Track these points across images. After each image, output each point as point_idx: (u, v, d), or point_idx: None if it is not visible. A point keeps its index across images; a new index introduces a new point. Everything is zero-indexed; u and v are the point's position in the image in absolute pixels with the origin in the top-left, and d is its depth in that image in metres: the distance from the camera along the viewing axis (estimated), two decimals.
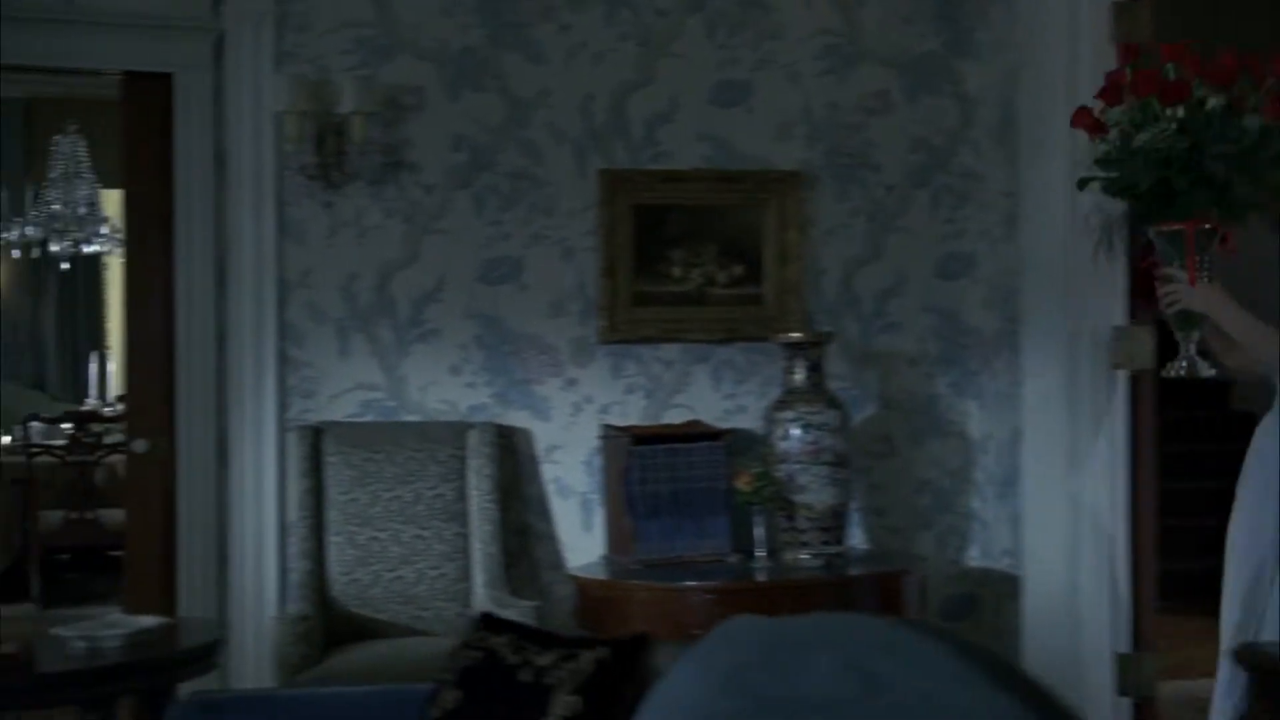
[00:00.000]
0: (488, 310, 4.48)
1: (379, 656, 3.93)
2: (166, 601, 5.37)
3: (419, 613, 4.23)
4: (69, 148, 8.40)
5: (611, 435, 4.37)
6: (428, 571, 4.25)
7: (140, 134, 5.36)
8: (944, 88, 4.77)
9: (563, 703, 2.25)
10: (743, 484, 4.15)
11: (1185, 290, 3.23)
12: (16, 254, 9.14)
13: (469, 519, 4.31)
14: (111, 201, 9.54)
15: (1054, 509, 4.44)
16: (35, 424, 8.13)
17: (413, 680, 3.77)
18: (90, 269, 10.64)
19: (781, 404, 4.29)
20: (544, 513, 4.52)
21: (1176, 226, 3.24)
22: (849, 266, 4.70)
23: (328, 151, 4.37)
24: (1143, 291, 3.54)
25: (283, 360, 4.42)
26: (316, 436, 4.32)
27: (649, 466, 4.21)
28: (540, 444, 4.51)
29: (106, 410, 8.32)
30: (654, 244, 4.54)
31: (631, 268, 4.51)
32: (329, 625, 4.12)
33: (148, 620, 2.89)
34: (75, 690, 2.57)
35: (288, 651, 3.87)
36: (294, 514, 4.33)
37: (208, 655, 2.81)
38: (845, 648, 1.57)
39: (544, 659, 2.33)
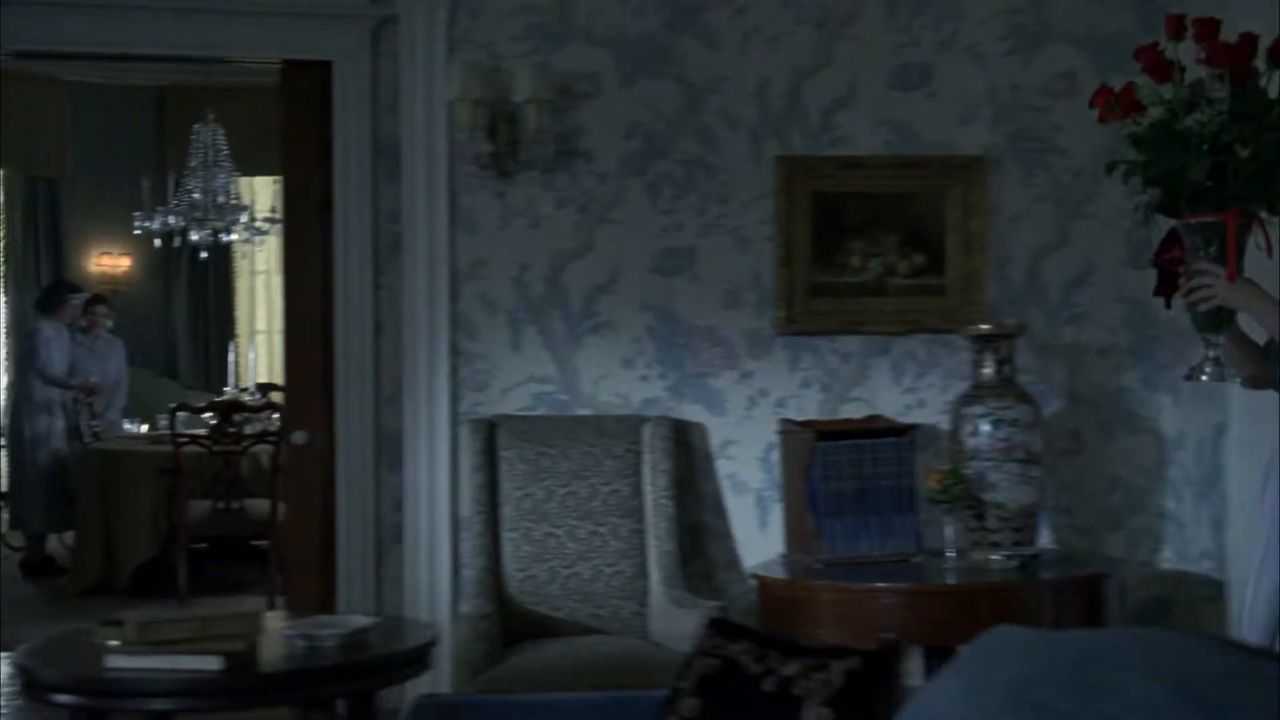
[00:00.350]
0: (661, 302, 4.46)
1: (561, 655, 3.93)
2: (325, 596, 5.45)
3: (596, 610, 4.22)
4: (208, 136, 8.54)
5: (791, 430, 4.31)
6: (604, 568, 4.24)
7: (298, 122, 5.42)
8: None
9: (814, 714, 2.21)
10: (932, 482, 4.07)
11: (1222, 286, 2.97)
12: (158, 243, 9.32)
13: (644, 515, 4.29)
14: (248, 189, 9.71)
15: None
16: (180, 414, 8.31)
17: (604, 681, 3.78)
18: (221, 257, 10.85)
19: (969, 399, 4.20)
20: (718, 509, 4.48)
21: (1211, 218, 2.95)
22: (1035, 255, 4.59)
23: (500, 140, 4.37)
24: (1162, 288, 3.24)
25: (455, 352, 4.43)
26: (491, 430, 4.33)
27: (832, 463, 4.15)
28: (714, 439, 4.48)
29: (246, 398, 8.45)
30: (832, 233, 4.47)
31: (809, 258, 4.45)
32: (505, 623, 4.13)
33: (361, 619, 2.91)
34: (297, 690, 2.59)
35: (470, 650, 3.88)
36: (468, 509, 4.35)
37: (423, 656, 2.82)
38: (1167, 670, 1.49)
39: (789, 668, 2.29)
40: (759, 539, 4.46)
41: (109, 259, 10.91)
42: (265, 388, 9.37)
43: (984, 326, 4.23)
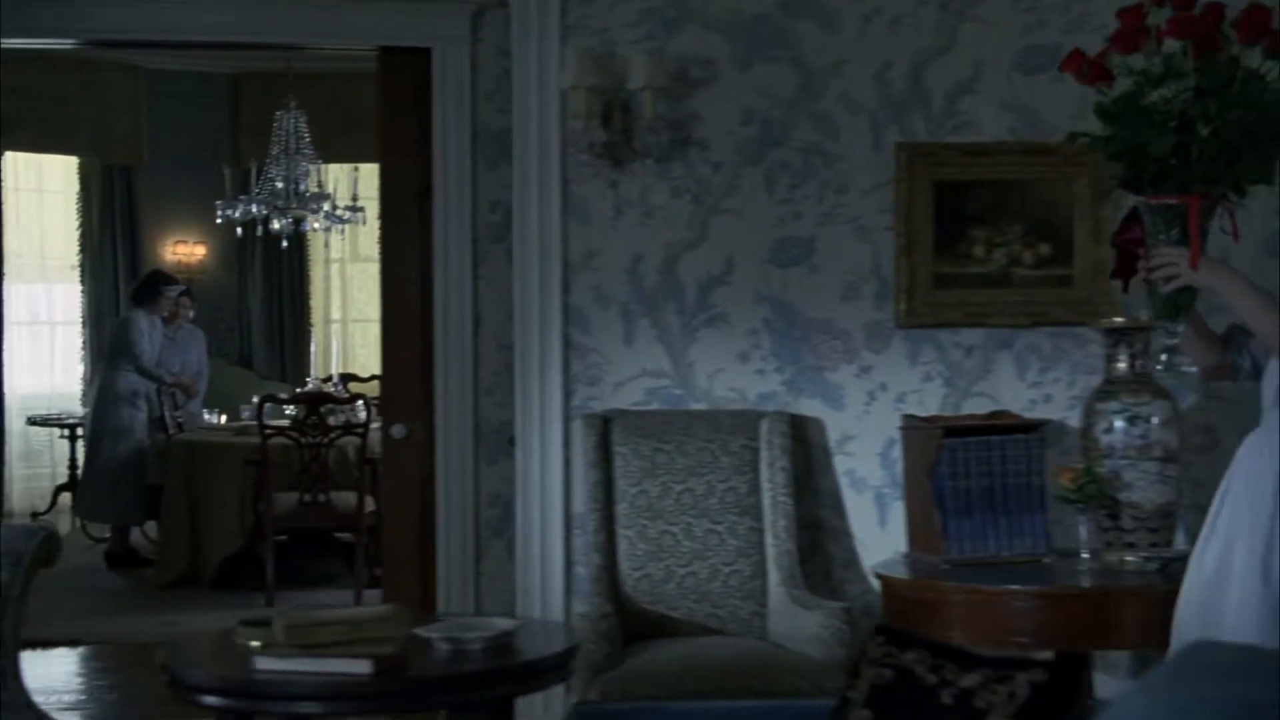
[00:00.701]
0: (778, 294, 4.42)
1: (682, 657, 3.91)
2: (423, 592, 5.47)
3: (713, 610, 4.20)
4: (289, 123, 8.58)
5: (915, 426, 4.25)
6: (721, 567, 4.21)
7: (396, 109, 5.43)
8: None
9: None
10: (1065, 481, 4.00)
11: (1202, 266, 2.84)
12: (240, 232, 9.39)
13: (762, 513, 4.26)
14: (329, 177, 9.73)
15: None
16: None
17: (729, 684, 3.75)
18: (296, 246, 10.93)
19: (1103, 394, 4.12)
20: (836, 506, 4.44)
21: (1173, 200, 2.83)
22: None
23: (614, 128, 4.34)
24: (1121, 270, 3.07)
25: (567, 346, 4.42)
26: (605, 426, 4.31)
27: (960, 460, 4.09)
28: (832, 434, 4.43)
29: (327, 387, 8.50)
30: (955, 222, 4.40)
31: (930, 248, 4.39)
32: (621, 622, 4.11)
33: (504, 622, 2.90)
34: (446, 695, 2.58)
35: (590, 650, 3.86)
36: (582, 506, 4.34)
37: (568, 661, 2.81)
38: None
39: (968, 679, 2.25)
40: (878, 537, 4.42)
41: (184, 247, 11.02)
42: (344, 378, 9.43)
43: (1118, 320, 4.15)
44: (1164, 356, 3.04)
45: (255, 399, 8.42)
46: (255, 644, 2.78)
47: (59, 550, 2.89)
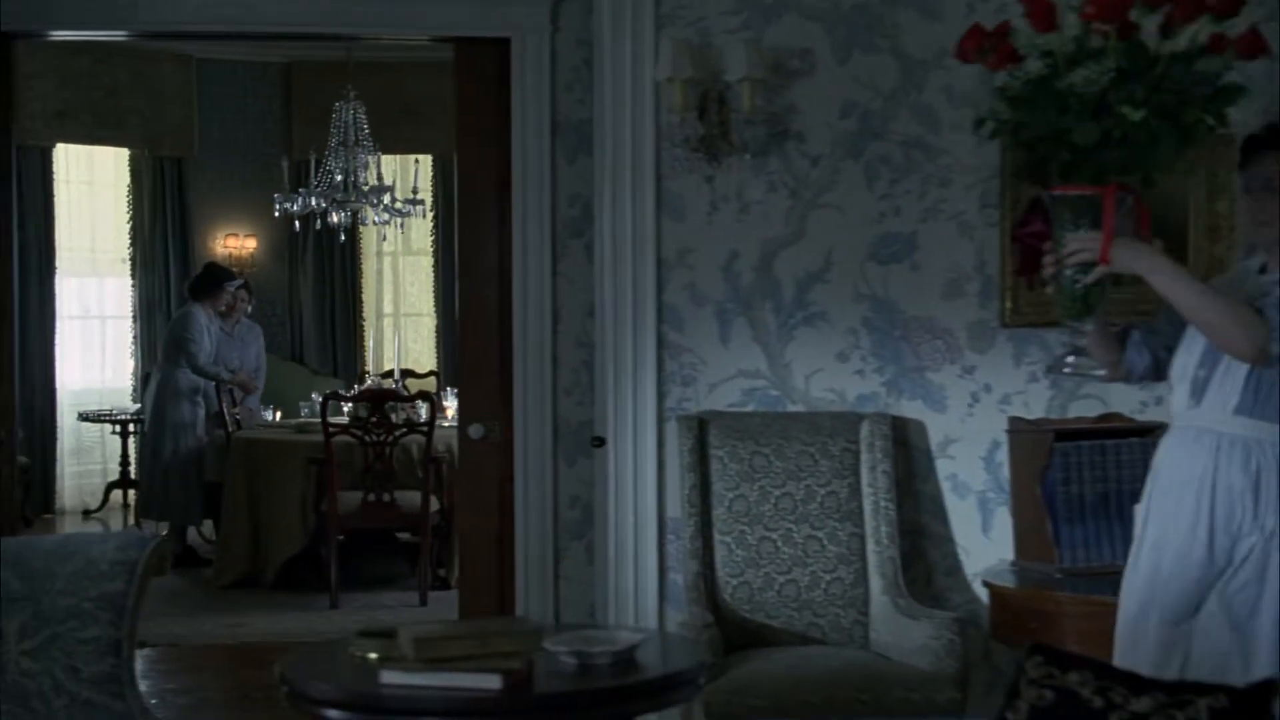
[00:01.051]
0: (878, 292, 4.35)
1: (787, 668, 3.86)
2: (501, 595, 5.44)
3: (814, 619, 4.14)
4: (348, 114, 8.56)
5: (1023, 429, 4.18)
6: (822, 575, 4.16)
7: (473, 100, 5.39)
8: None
9: None
10: None
11: (1117, 247, 2.68)
12: (298, 225, 9.39)
13: (863, 518, 4.20)
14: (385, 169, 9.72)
15: None
16: (317, 400, 8.37)
17: (837, 696, 3.70)
18: (348, 239, 10.92)
19: None
20: (938, 512, 4.37)
21: (1086, 191, 2.67)
22: None
23: (710, 121, 4.29)
24: (1026, 266, 2.91)
25: (660, 345, 4.37)
26: (701, 428, 4.26)
27: (1072, 465, 4.01)
28: (934, 437, 4.36)
29: (387, 383, 8.49)
30: None
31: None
32: (720, 631, 4.06)
33: (629, 635, 2.85)
34: (574, 712, 2.54)
35: None
36: (677, 511, 4.29)
37: (697, 677, 2.76)
38: None
39: (1140, 704, 2.18)
40: (982, 544, 4.35)
41: (235, 240, 11.04)
42: (390, 375, 9.42)
43: None
44: (1070, 359, 2.90)
45: (315, 396, 8.44)
46: (372, 656, 2.75)
47: (169, 558, 2.87)
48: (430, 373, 10.04)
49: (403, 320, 11.51)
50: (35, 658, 2.59)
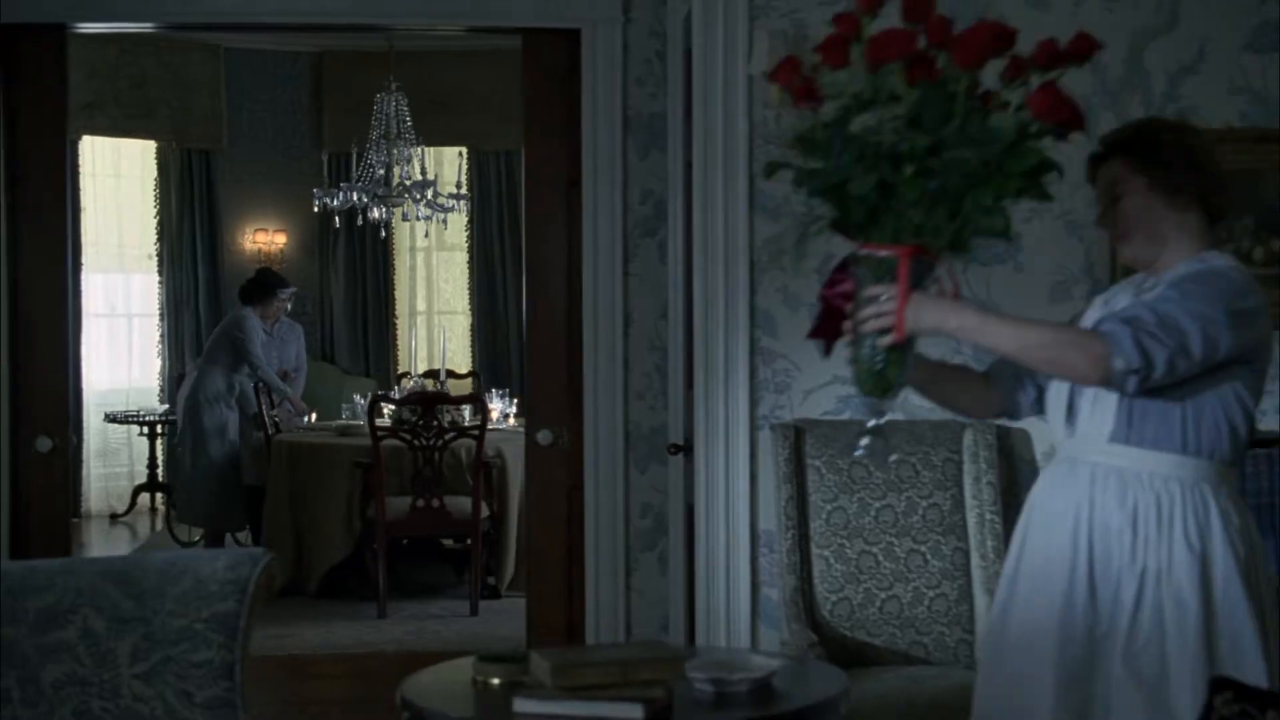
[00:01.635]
0: (979, 294, 4.28)
1: (894, 689, 3.80)
2: (570, 608, 5.40)
3: (918, 638, 4.09)
4: (389, 106, 8.52)
5: None
6: (925, 591, 4.10)
7: (542, 94, 5.36)
8: None
9: None
10: None
11: (914, 309, 2.47)
12: (337, 220, 9.36)
13: (968, 532, 4.14)
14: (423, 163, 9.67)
15: None
16: (359, 402, 8.34)
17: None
18: (380, 234, 10.89)
19: None
20: None
21: (884, 252, 2.48)
22: None
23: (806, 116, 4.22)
24: (822, 328, 2.63)
25: (753, 350, 4.32)
26: (797, 437, 4.21)
27: None
28: (1040, 447, 4.30)
29: (428, 383, 8.46)
30: None
31: None
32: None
33: (767, 661, 2.80)
34: None
35: None
36: (771, 523, 4.24)
37: (838, 707, 2.71)
38: None
39: None
40: None
41: (264, 235, 11.02)
42: (433, 375, 9.38)
43: None
44: (864, 441, 2.62)
45: (357, 398, 8.41)
46: (495, 681, 2.71)
47: (279, 576, 2.83)
48: (470, 373, 10.01)
49: (436, 318, 11.48)
50: (148, 681, 2.55)
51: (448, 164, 9.25)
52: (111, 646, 2.54)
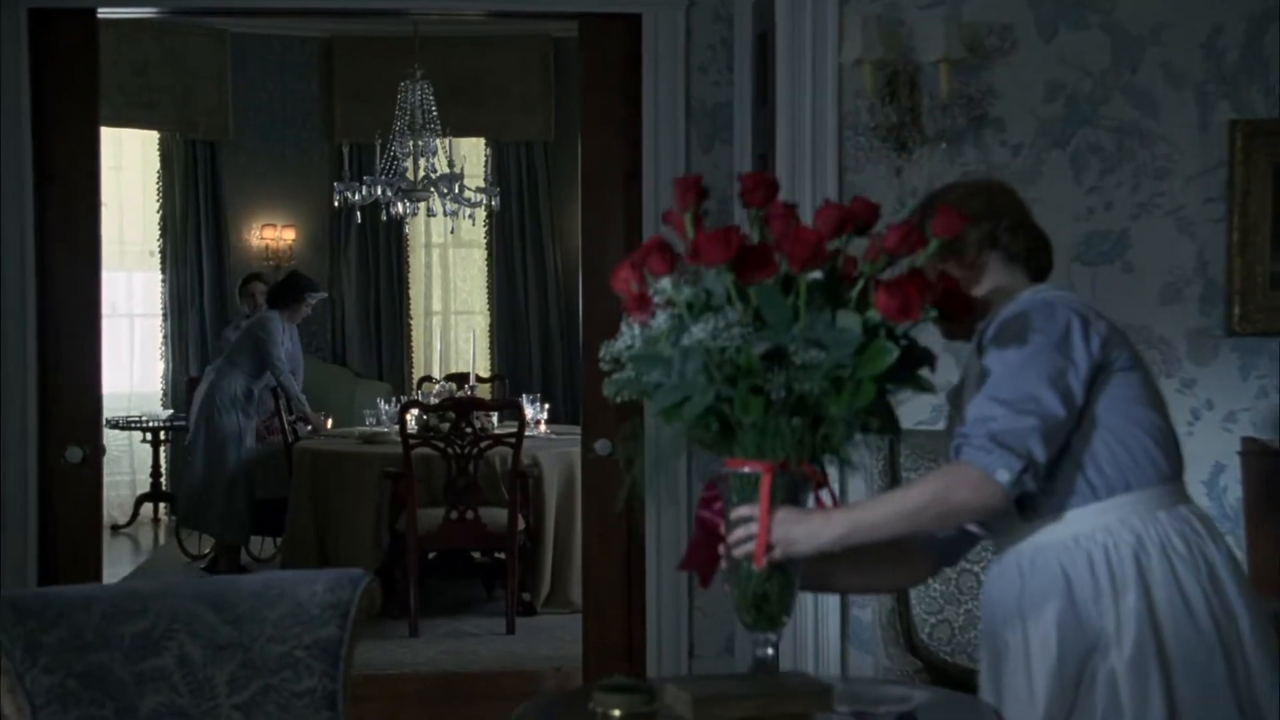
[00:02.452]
0: (1084, 296, 4.22)
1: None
2: (629, 627, 5.34)
3: None
4: (414, 95, 8.43)
5: (1259, 451, 4.07)
6: None
7: (600, 82, 5.30)
8: None
9: None
10: None
11: (781, 528, 2.33)
12: (358, 216, 9.28)
13: None
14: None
15: None
16: (384, 408, 8.27)
17: None
18: (393, 230, 10.82)
19: None
20: None
21: (746, 468, 2.32)
22: None
23: (901, 107, 4.17)
24: (695, 556, 2.45)
25: None
26: (891, 447, 4.14)
27: None
28: None
29: (447, 386, 8.39)
30: None
31: (1269, 243, 4.21)
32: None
33: (900, 690, 2.72)
34: None
35: None
36: None
37: None
38: None
39: None
40: None
41: (272, 231, 10.94)
42: (458, 378, 9.31)
43: None
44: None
45: (382, 403, 8.33)
46: (617, 713, 2.63)
47: (380, 598, 2.76)
48: (494, 377, 9.94)
49: (453, 319, 11.41)
50: (248, 713, 2.49)
51: (467, 156, 9.17)
52: (209, 675, 2.47)
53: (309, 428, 8.22)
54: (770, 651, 2.48)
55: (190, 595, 2.55)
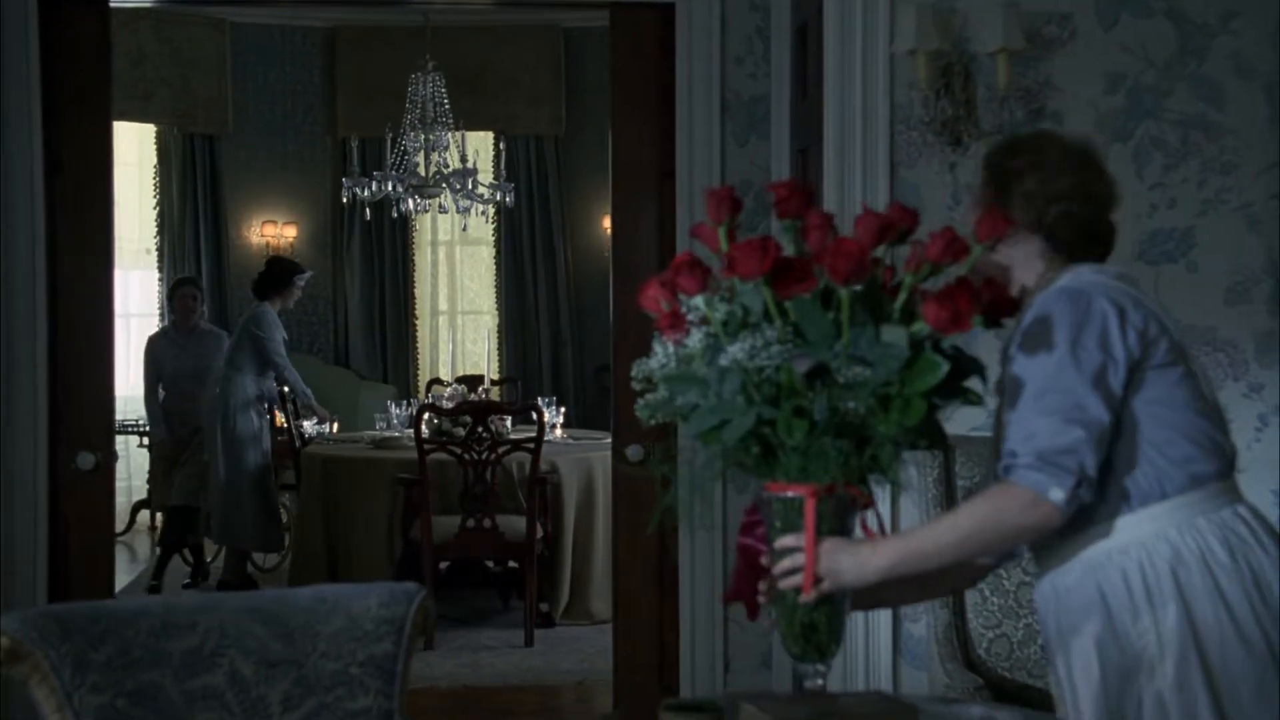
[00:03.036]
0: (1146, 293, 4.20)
1: None
2: (661, 641, 5.30)
3: None
4: (426, 87, 8.39)
5: None
6: None
7: (632, 74, 5.26)
8: None
9: None
10: None
11: (829, 558, 2.28)
12: (368, 212, 9.24)
13: None
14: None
15: None
16: (394, 411, 8.23)
17: None
18: (398, 226, 10.79)
19: None
20: None
21: (790, 492, 2.27)
22: None
23: (956, 100, 4.14)
24: (741, 588, 2.41)
25: None
26: (946, 454, 4.10)
27: None
28: None
29: (458, 388, 8.35)
30: None
31: None
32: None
33: (980, 711, 2.70)
34: None
35: None
36: None
37: None
38: None
39: None
40: None
41: (272, 228, 10.91)
42: (470, 381, 9.28)
43: None
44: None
45: (392, 406, 8.29)
46: None
47: (434, 614, 2.72)
48: (507, 379, 9.90)
49: (460, 319, 11.37)
50: None
51: (478, 151, 9.12)
52: (262, 693, 2.43)
53: (315, 421, 8.17)
54: (820, 683, 2.42)
55: (240, 610, 2.51)
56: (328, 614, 2.54)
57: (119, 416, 9.98)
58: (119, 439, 10.00)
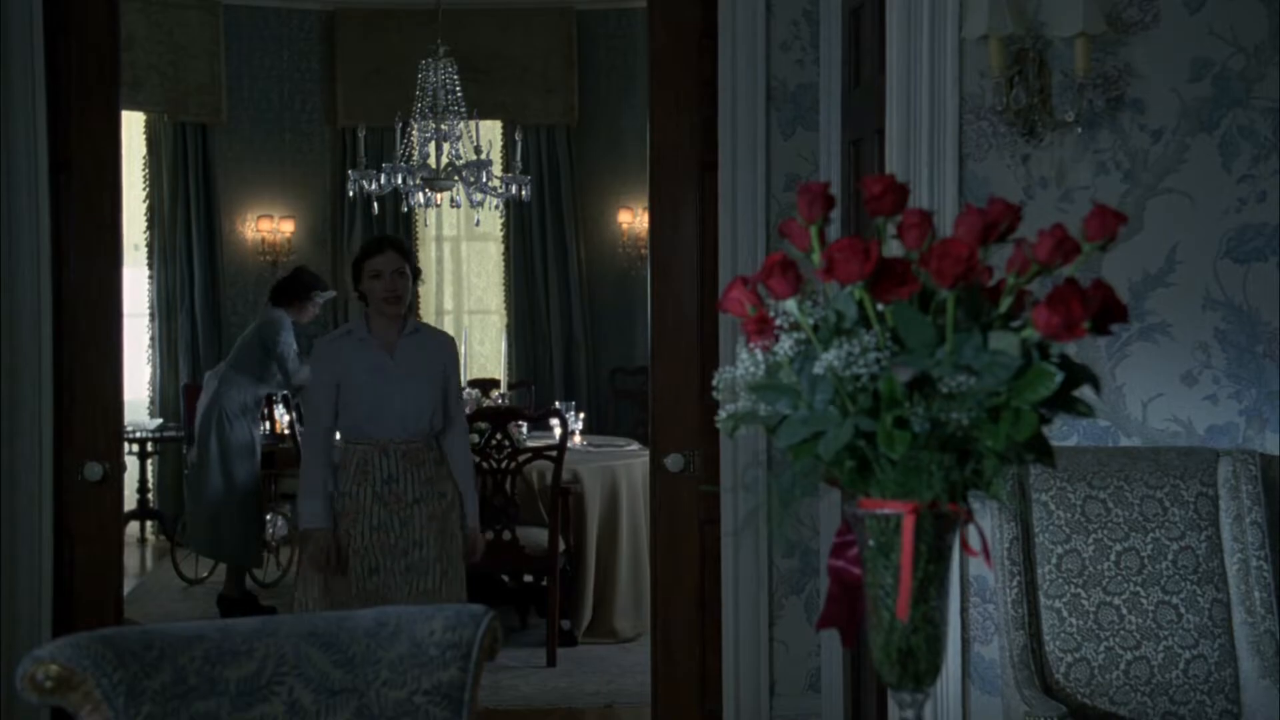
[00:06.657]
0: (1235, 297, 4.14)
1: None
2: (703, 660, 5.27)
3: (1172, 707, 3.93)
4: (437, 74, 8.35)
5: None
6: (1179, 652, 3.95)
7: (671, 64, 5.23)
8: None
9: None
10: None
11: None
12: (375, 206, 9.20)
13: (1228, 581, 4.00)
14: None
15: None
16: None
17: None
18: (400, 220, 10.75)
19: None
20: None
21: (886, 509, 2.18)
22: None
23: (1029, 88, 4.10)
24: (834, 613, 2.32)
25: None
26: (1020, 467, 4.07)
27: None
28: None
29: (471, 392, 8.31)
30: None
31: None
32: None
33: None
34: None
35: None
36: (980, 568, 4.10)
37: None
38: None
39: None
40: None
41: (269, 222, 10.87)
42: (483, 385, 9.25)
43: None
44: None
45: None
46: None
47: (501, 636, 2.68)
48: (520, 382, 9.87)
49: (466, 319, 11.34)
50: None
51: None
52: None
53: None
54: (912, 715, 2.39)
55: (297, 634, 2.47)
56: (390, 639, 2.50)
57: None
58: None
